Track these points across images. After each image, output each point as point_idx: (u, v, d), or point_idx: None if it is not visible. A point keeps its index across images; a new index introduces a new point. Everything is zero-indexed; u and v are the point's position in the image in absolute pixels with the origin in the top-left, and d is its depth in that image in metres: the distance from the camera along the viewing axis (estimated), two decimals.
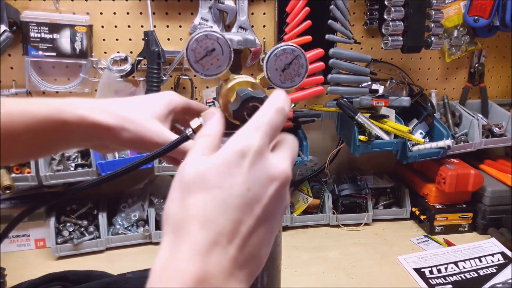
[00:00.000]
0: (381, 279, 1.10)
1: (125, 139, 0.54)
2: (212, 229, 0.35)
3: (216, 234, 0.35)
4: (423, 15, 1.23)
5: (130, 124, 0.53)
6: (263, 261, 0.39)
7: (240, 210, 0.36)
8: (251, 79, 0.52)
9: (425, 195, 1.35)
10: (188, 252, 0.34)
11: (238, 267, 0.36)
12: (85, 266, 1.12)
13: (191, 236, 0.35)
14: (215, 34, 0.49)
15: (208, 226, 0.35)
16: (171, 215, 0.38)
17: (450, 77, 1.47)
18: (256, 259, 0.38)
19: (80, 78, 1.20)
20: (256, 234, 0.37)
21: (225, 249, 0.35)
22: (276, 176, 0.38)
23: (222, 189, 0.36)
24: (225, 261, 0.35)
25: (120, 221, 1.22)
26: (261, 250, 0.38)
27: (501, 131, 1.37)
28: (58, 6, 1.14)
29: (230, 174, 0.37)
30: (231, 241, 0.36)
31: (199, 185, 0.37)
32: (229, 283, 0.35)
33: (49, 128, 0.51)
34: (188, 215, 0.36)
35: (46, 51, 1.13)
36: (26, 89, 1.17)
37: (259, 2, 1.25)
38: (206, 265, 0.34)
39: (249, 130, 0.39)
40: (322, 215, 1.33)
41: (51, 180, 1.12)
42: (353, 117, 1.22)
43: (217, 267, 0.35)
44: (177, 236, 0.36)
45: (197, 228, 0.35)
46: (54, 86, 1.19)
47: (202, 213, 0.36)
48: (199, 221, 0.36)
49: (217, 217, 0.36)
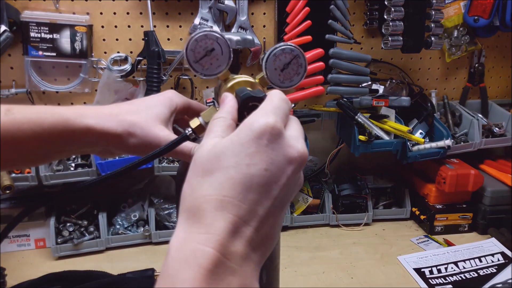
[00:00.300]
0: (381, 279, 1.10)
1: (132, 145, 0.54)
2: (229, 210, 0.35)
3: (233, 215, 0.35)
4: (423, 15, 1.23)
5: (137, 130, 0.53)
6: (274, 242, 0.39)
7: (257, 190, 0.36)
8: (250, 78, 0.52)
9: (425, 195, 1.35)
10: (205, 234, 0.34)
11: (253, 249, 0.36)
12: (85, 266, 1.13)
13: (208, 217, 0.35)
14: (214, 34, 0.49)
15: (225, 206, 0.35)
16: (187, 196, 0.37)
17: (450, 77, 1.47)
18: (269, 240, 0.38)
19: (80, 78, 1.20)
20: (271, 215, 0.37)
21: (242, 230, 0.35)
22: (294, 156, 0.38)
23: (239, 169, 0.36)
24: (241, 243, 0.35)
25: (120, 221, 1.22)
26: (274, 230, 0.38)
27: (501, 131, 1.37)
28: (58, 6, 1.14)
29: (247, 154, 0.36)
30: (247, 222, 0.35)
31: (215, 165, 0.36)
32: (245, 265, 0.35)
33: (56, 136, 0.51)
34: (204, 195, 0.36)
35: (46, 51, 1.13)
36: (26, 89, 1.17)
37: (259, 2, 1.25)
38: (223, 247, 0.34)
39: (264, 112, 0.39)
40: (322, 215, 1.33)
41: (51, 180, 1.13)
42: (353, 117, 1.22)
43: (234, 248, 0.34)
44: (194, 216, 0.36)
45: (214, 208, 0.35)
46: (54, 86, 1.19)
47: (218, 193, 0.35)
48: (216, 202, 0.35)
49: (234, 198, 0.35)
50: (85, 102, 1.24)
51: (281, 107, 0.40)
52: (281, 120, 0.39)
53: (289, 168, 0.37)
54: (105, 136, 0.53)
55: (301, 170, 0.39)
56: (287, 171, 0.37)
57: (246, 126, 0.38)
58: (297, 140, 0.39)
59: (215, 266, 0.33)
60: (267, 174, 0.36)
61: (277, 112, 0.39)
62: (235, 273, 0.34)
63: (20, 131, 0.50)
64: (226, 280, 0.33)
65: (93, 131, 0.52)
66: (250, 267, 0.35)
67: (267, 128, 0.37)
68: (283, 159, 0.37)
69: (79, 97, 1.23)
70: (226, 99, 0.45)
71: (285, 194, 0.38)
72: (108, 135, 0.53)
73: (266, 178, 0.36)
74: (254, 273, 0.36)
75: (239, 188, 0.36)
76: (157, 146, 0.53)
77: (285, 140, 0.38)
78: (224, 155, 0.37)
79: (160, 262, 1.14)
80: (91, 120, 0.52)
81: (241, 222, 0.35)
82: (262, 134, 0.37)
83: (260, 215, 0.36)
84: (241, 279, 0.34)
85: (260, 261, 0.37)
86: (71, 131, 0.52)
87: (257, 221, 0.36)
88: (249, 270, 0.35)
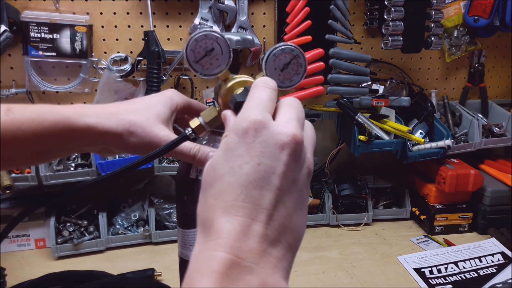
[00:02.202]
0: (381, 279, 1.10)
1: (132, 144, 0.54)
2: (233, 212, 0.35)
3: (238, 216, 0.35)
4: (423, 15, 1.23)
5: (138, 130, 0.53)
6: (300, 230, 0.38)
7: (256, 186, 0.36)
8: (250, 78, 0.52)
9: (425, 195, 1.34)
10: (216, 240, 0.34)
11: (270, 243, 0.35)
12: (85, 266, 1.13)
13: (216, 225, 0.35)
14: (214, 34, 0.49)
15: (229, 211, 0.35)
16: (199, 213, 0.38)
17: (450, 77, 1.47)
18: (289, 230, 0.37)
19: (80, 78, 1.20)
20: (281, 205, 0.37)
21: (252, 228, 0.35)
22: (284, 141, 0.37)
23: (233, 172, 0.36)
24: (254, 240, 0.35)
25: (120, 221, 1.22)
26: (292, 220, 0.37)
27: (501, 131, 1.37)
28: (58, 6, 1.14)
29: (236, 156, 0.37)
30: (255, 218, 0.35)
31: (213, 177, 0.38)
32: (263, 261, 0.34)
33: (56, 135, 0.51)
34: (209, 207, 0.37)
35: (46, 51, 1.13)
36: (26, 89, 1.17)
37: (259, 2, 1.25)
38: (234, 248, 0.34)
39: (245, 109, 0.39)
40: (322, 215, 1.33)
41: (51, 180, 1.13)
42: (353, 117, 1.22)
43: (247, 247, 0.34)
44: (205, 229, 0.36)
45: (220, 216, 0.35)
46: (54, 86, 1.19)
47: (221, 200, 0.36)
48: (220, 210, 0.36)
49: (235, 200, 0.36)
50: (85, 102, 1.23)
51: (261, 97, 0.40)
52: (262, 111, 0.39)
53: (283, 154, 0.37)
54: (105, 135, 0.53)
55: (300, 152, 0.38)
56: (282, 158, 0.37)
57: (232, 131, 0.38)
58: (287, 124, 0.38)
59: (228, 268, 0.33)
60: (261, 167, 0.36)
61: (258, 104, 0.39)
62: (253, 272, 0.33)
63: (20, 130, 0.50)
64: (244, 280, 0.33)
65: (94, 130, 0.52)
66: (271, 263, 0.35)
67: (249, 125, 0.37)
68: (274, 148, 0.37)
69: (79, 97, 1.23)
70: (226, 117, 0.45)
71: (291, 181, 0.37)
72: (108, 134, 0.53)
73: (261, 172, 0.36)
74: (277, 269, 0.35)
75: (238, 190, 0.36)
76: (157, 145, 0.53)
77: (272, 128, 0.38)
78: (218, 165, 0.38)
79: (160, 262, 1.14)
80: (92, 119, 0.52)
81: (249, 221, 0.35)
82: (246, 132, 0.37)
83: (267, 209, 0.36)
84: (261, 277, 0.34)
85: (286, 253, 0.36)
86: (71, 130, 0.51)
87: (265, 215, 0.35)
88: (269, 267, 0.35)
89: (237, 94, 0.49)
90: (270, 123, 0.38)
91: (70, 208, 1.21)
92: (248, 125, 0.37)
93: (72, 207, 1.21)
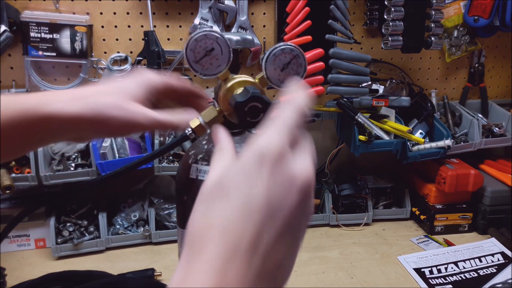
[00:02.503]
0: (381, 279, 1.10)
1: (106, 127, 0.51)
2: (230, 239, 0.33)
3: (235, 245, 0.33)
4: (423, 15, 1.23)
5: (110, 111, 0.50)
6: (288, 271, 0.37)
7: (260, 219, 0.34)
8: (250, 78, 0.52)
9: (425, 195, 1.34)
10: (205, 265, 0.32)
11: (260, 279, 0.34)
12: (85, 266, 1.13)
13: (208, 248, 0.33)
14: (214, 34, 0.50)
15: (226, 236, 0.33)
16: (191, 228, 0.35)
17: (450, 77, 1.47)
18: (280, 270, 0.35)
19: (80, 78, 1.20)
20: (279, 245, 0.35)
21: (244, 261, 0.33)
22: (300, 181, 0.35)
23: (241, 198, 0.34)
24: (244, 274, 0.33)
25: (120, 221, 1.22)
26: (285, 260, 0.36)
27: (501, 131, 1.37)
28: (58, 6, 1.14)
29: (249, 182, 0.34)
30: (250, 252, 0.33)
31: (218, 194, 0.35)
32: None
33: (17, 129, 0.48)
34: (206, 226, 0.34)
35: (46, 51, 1.13)
36: (26, 89, 1.17)
37: (259, 2, 1.25)
38: (223, 280, 0.32)
39: (267, 133, 0.36)
40: (322, 215, 1.33)
41: (51, 180, 1.12)
42: (353, 117, 1.22)
43: (236, 280, 0.32)
44: (193, 249, 0.34)
45: (215, 239, 0.33)
46: (54, 86, 1.19)
47: (220, 223, 0.34)
48: (217, 232, 0.33)
49: (235, 227, 0.33)
50: None
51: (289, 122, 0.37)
52: (287, 141, 0.36)
53: (295, 194, 0.35)
54: (71, 121, 0.49)
55: (309, 196, 0.36)
56: (292, 198, 0.35)
57: (249, 152, 0.35)
58: (305, 162, 0.36)
59: None
60: (271, 202, 0.34)
61: (284, 131, 0.36)
62: None
63: None
64: None
65: (58, 117, 0.48)
66: None
67: (269, 153, 0.35)
68: (288, 186, 0.35)
69: None
70: (216, 132, 0.44)
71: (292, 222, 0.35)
72: (75, 120, 0.49)
73: (270, 206, 0.34)
74: None
75: (242, 217, 0.34)
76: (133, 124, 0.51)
77: (290, 164, 0.35)
78: (226, 184, 0.35)
79: (160, 262, 1.14)
80: (55, 106, 0.48)
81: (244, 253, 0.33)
82: (264, 160, 0.35)
83: (265, 245, 0.34)
84: None
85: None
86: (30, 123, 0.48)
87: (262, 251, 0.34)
88: None
89: (237, 94, 0.50)
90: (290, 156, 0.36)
91: (70, 208, 1.21)
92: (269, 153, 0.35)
93: (72, 207, 1.21)
